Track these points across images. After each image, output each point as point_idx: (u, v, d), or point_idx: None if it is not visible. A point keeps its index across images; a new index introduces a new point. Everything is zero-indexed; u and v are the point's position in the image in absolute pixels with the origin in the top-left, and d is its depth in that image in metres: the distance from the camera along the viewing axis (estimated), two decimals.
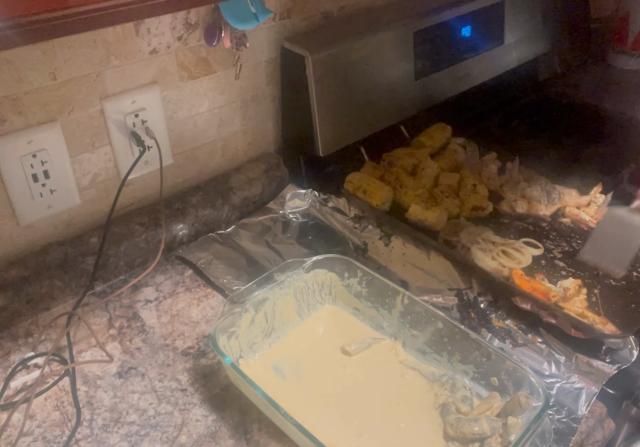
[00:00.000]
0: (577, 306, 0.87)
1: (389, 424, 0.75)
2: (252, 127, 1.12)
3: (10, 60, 0.79)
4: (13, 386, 0.79)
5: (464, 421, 0.72)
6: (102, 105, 0.90)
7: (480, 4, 1.26)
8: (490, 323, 0.88)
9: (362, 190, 1.07)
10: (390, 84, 1.15)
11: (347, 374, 0.81)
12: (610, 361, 0.81)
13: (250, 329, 0.81)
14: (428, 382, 0.79)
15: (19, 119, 0.83)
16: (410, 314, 0.82)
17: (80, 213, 0.95)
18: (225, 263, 0.98)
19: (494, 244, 0.98)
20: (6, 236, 0.89)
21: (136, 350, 0.86)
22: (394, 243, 1.01)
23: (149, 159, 0.97)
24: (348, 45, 1.06)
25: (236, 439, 0.74)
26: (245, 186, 1.09)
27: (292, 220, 1.08)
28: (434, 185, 1.12)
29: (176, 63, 0.96)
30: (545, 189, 1.08)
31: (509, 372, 0.73)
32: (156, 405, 0.78)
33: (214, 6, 0.93)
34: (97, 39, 0.85)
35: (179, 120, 1.00)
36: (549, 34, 1.47)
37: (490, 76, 1.35)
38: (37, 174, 0.87)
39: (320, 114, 1.05)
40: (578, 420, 0.75)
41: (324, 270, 0.87)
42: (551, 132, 1.33)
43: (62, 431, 0.75)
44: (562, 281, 0.92)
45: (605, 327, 0.84)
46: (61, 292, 0.91)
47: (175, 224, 1.01)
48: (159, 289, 0.96)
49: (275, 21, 1.05)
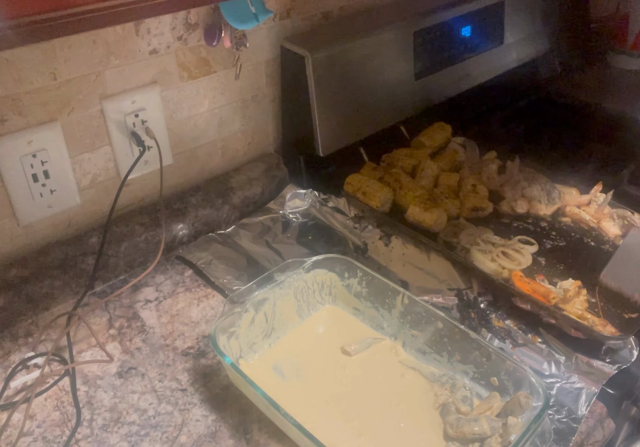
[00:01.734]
0: (577, 308, 0.87)
1: (389, 424, 0.75)
2: (252, 127, 1.12)
3: (10, 60, 0.79)
4: (13, 386, 0.79)
5: (464, 421, 0.72)
6: (102, 105, 0.90)
7: (480, 4, 1.26)
8: (490, 323, 0.88)
9: (362, 192, 1.07)
10: (390, 84, 1.15)
11: (347, 374, 0.81)
12: (610, 361, 0.81)
13: (250, 329, 0.81)
14: (428, 382, 0.79)
15: (19, 119, 0.83)
16: (410, 314, 0.82)
17: (80, 213, 0.95)
18: (225, 263, 0.98)
19: (493, 245, 0.98)
20: (6, 236, 0.89)
21: (136, 350, 0.86)
22: (394, 243, 1.01)
23: (149, 159, 0.97)
24: (348, 45, 1.06)
25: (236, 439, 0.74)
26: (245, 186, 1.09)
27: (292, 220, 1.08)
28: (433, 186, 1.12)
29: (176, 63, 0.96)
30: (545, 189, 1.08)
31: (509, 372, 0.73)
32: (156, 405, 0.78)
33: (214, 6, 0.93)
34: (97, 39, 0.85)
35: (179, 120, 1.00)
36: (549, 34, 1.47)
37: (490, 76, 1.35)
38: (37, 174, 0.87)
39: (320, 114, 1.05)
40: (578, 420, 0.75)
41: (324, 270, 0.87)
42: (551, 132, 1.33)
43: (62, 431, 0.75)
44: (562, 282, 0.92)
45: (605, 329, 0.84)
46: (61, 292, 0.91)
47: (175, 224, 1.01)
48: (159, 289, 0.96)
49: (275, 21, 1.05)
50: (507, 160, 1.17)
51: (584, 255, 0.99)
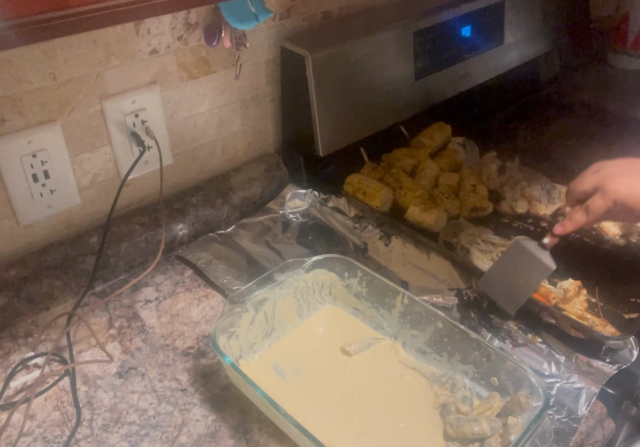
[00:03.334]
0: (577, 308, 0.87)
1: (389, 424, 0.75)
2: (252, 127, 1.12)
3: (10, 60, 0.79)
4: (13, 386, 0.79)
5: (464, 421, 0.72)
6: (102, 105, 0.90)
7: (480, 4, 1.26)
8: (490, 323, 0.88)
9: (362, 192, 1.07)
10: (390, 84, 1.15)
11: (347, 374, 0.81)
12: (610, 361, 0.81)
13: (250, 329, 0.81)
14: (428, 382, 0.79)
15: (19, 119, 0.83)
16: (410, 314, 0.82)
17: (80, 213, 0.95)
18: (225, 263, 0.98)
19: (493, 245, 0.98)
20: (6, 236, 0.89)
21: (136, 350, 0.86)
22: (393, 243, 1.01)
23: (149, 159, 0.97)
24: (348, 45, 1.06)
25: (236, 439, 0.74)
26: (245, 186, 1.09)
27: (292, 220, 1.08)
28: (433, 186, 1.12)
29: (176, 63, 0.96)
30: (545, 188, 1.08)
31: (509, 372, 0.73)
32: (156, 405, 0.78)
33: (214, 6, 0.93)
34: (97, 39, 0.85)
35: (179, 120, 1.00)
36: (549, 34, 1.47)
37: (490, 76, 1.35)
38: (37, 174, 0.87)
39: (320, 114, 1.05)
40: (578, 420, 0.75)
41: (324, 270, 0.87)
42: (551, 132, 1.33)
43: (62, 431, 0.75)
44: (562, 282, 0.92)
45: (605, 329, 0.84)
46: (61, 292, 0.91)
47: (175, 224, 1.01)
48: (159, 289, 0.96)
49: (275, 21, 1.05)
50: (507, 160, 1.17)
51: (584, 255, 0.99)
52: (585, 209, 0.79)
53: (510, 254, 0.87)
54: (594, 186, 0.79)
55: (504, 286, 0.86)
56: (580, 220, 0.80)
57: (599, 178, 0.79)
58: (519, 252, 0.85)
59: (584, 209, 0.80)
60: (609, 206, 0.77)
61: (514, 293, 0.85)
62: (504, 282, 0.86)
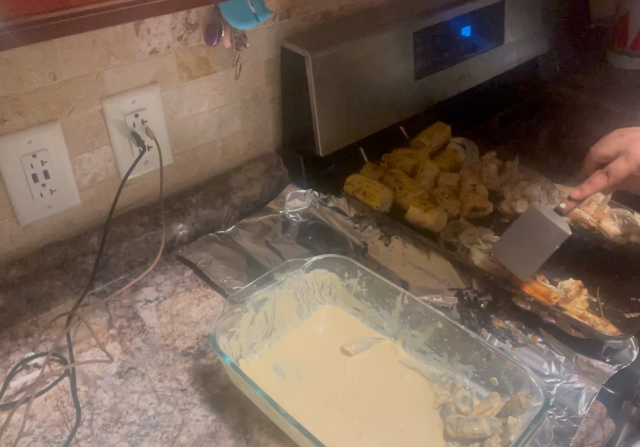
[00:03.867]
0: (578, 307, 0.87)
1: (389, 424, 0.75)
2: (252, 127, 1.12)
3: (10, 60, 0.79)
4: (13, 386, 0.79)
5: (464, 421, 0.72)
6: (102, 105, 0.90)
7: (480, 4, 1.26)
8: (490, 323, 0.88)
9: (362, 192, 1.07)
10: (390, 84, 1.15)
11: (347, 374, 0.81)
12: (610, 361, 0.81)
13: (250, 329, 0.81)
14: (428, 382, 0.79)
15: (19, 119, 0.83)
16: (410, 314, 0.82)
17: (80, 213, 0.95)
18: (225, 263, 0.98)
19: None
20: (6, 236, 0.89)
21: (136, 350, 0.86)
22: (394, 243, 1.01)
23: (149, 159, 0.97)
24: (348, 45, 1.06)
25: (236, 439, 0.74)
26: (245, 186, 1.09)
27: (292, 220, 1.08)
28: (433, 186, 1.12)
29: (176, 63, 0.96)
30: (545, 188, 1.08)
31: (509, 372, 0.73)
32: (156, 405, 0.78)
33: (214, 6, 0.93)
34: (97, 39, 0.85)
35: (179, 120, 1.00)
36: (549, 34, 1.47)
37: (490, 76, 1.35)
38: (37, 174, 0.87)
39: (320, 114, 1.05)
40: (578, 420, 0.75)
41: (324, 270, 0.87)
42: (551, 132, 1.33)
43: (62, 431, 0.75)
44: (563, 282, 0.92)
45: (605, 329, 0.84)
46: (61, 292, 0.91)
47: (175, 224, 1.01)
48: (159, 289, 0.96)
49: (275, 21, 1.05)
50: (507, 160, 1.17)
51: (585, 255, 0.99)
52: (606, 172, 0.77)
53: (525, 220, 0.85)
54: (617, 150, 0.77)
55: (518, 251, 0.85)
56: (600, 183, 0.78)
57: (623, 142, 0.77)
58: (534, 218, 0.83)
59: (604, 173, 0.77)
60: (633, 169, 0.75)
61: (527, 259, 0.84)
62: (517, 248, 0.85)
